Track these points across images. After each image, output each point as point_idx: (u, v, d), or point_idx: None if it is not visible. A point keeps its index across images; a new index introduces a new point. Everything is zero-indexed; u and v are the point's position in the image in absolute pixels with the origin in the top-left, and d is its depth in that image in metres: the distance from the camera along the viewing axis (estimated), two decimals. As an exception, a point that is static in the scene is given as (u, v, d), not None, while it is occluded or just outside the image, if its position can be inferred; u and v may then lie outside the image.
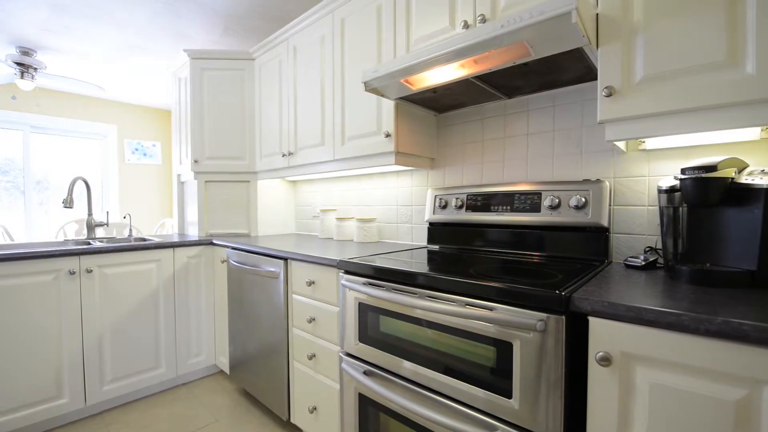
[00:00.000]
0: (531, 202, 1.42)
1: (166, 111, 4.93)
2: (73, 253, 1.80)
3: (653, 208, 1.26)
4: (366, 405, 1.26)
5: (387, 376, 1.18)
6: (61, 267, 1.77)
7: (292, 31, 2.12)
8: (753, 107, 0.85)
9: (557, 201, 1.34)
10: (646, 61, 0.98)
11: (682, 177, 0.99)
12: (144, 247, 2.04)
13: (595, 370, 0.80)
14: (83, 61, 3.24)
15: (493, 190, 1.53)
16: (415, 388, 1.10)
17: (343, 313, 1.34)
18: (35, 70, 3.06)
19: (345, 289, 1.32)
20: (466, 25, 1.32)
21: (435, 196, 1.73)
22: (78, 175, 2.24)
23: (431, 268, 1.15)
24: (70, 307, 1.80)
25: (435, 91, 1.46)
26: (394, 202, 2.06)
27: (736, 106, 0.87)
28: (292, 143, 2.15)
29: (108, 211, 2.71)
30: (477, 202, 1.57)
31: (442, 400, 1.03)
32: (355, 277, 1.28)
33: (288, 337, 1.69)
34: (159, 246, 2.10)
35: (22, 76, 3.00)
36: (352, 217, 2.19)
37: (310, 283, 1.54)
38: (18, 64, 2.94)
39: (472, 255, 1.45)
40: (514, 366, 0.88)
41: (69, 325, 1.79)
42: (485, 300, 0.93)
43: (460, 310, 0.94)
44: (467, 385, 0.98)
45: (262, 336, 1.85)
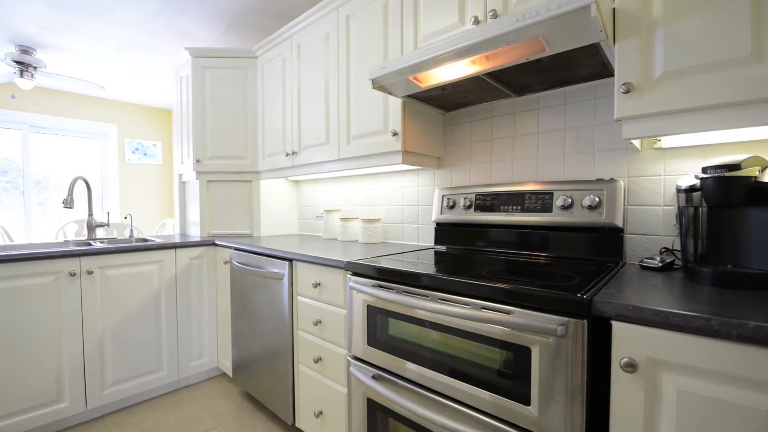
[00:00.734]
0: (542, 202, 1.39)
1: (166, 110, 4.89)
2: (73, 254, 1.77)
3: (669, 208, 1.23)
4: (375, 410, 1.23)
5: (397, 380, 1.15)
6: (62, 268, 1.74)
7: (296, 29, 2.09)
8: (780, 103, 0.82)
9: (570, 201, 1.31)
10: (665, 56, 0.95)
11: (704, 176, 0.96)
12: (146, 247, 2.01)
13: (619, 377, 0.77)
14: (83, 60, 3.21)
15: (503, 189, 1.50)
16: (426, 393, 1.07)
17: (351, 315, 1.31)
18: (35, 68, 3.03)
19: (353, 291, 1.29)
20: (477, 21, 1.29)
21: (442, 196, 1.70)
22: (78, 175, 2.20)
23: (442, 270, 1.12)
24: (71, 309, 1.77)
25: (444, 88, 1.43)
26: (399, 202, 2.03)
27: (761, 103, 0.84)
28: (296, 142, 2.12)
29: (109, 212, 2.67)
30: (486, 202, 1.54)
31: (455, 405, 1.00)
32: (364, 279, 1.25)
33: (293, 340, 1.66)
34: (161, 247, 2.07)
35: (22, 75, 2.97)
36: (357, 218, 2.16)
37: (316, 284, 1.51)
38: (17, 62, 2.91)
39: (481, 256, 1.42)
40: (533, 372, 0.85)
41: (69, 328, 1.76)
42: (502, 303, 0.90)
43: (475, 314, 0.91)
44: (481, 390, 0.95)
45: (265, 338, 1.82)
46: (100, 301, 1.86)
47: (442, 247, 1.70)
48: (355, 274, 1.31)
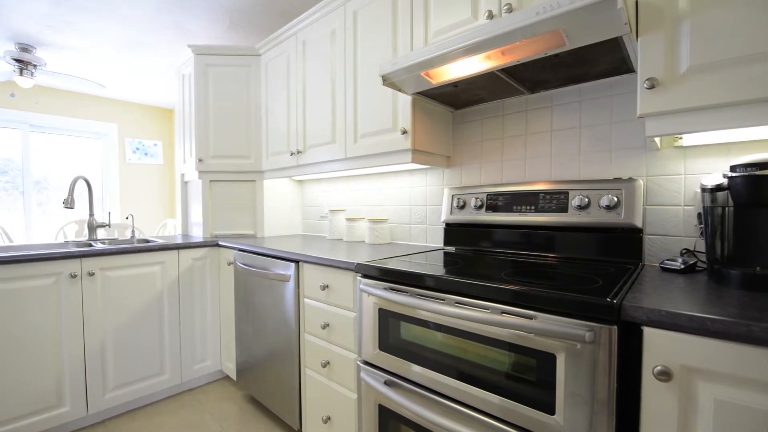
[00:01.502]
0: (557, 201, 1.35)
1: (167, 110, 4.85)
2: (74, 256, 1.73)
3: (689, 208, 1.19)
4: (387, 417, 1.19)
5: (410, 386, 1.11)
6: (62, 270, 1.70)
7: (300, 26, 2.05)
8: (818, 98, 0.78)
9: (586, 201, 1.27)
10: (692, 50, 0.91)
11: (732, 175, 0.92)
12: (148, 248, 1.97)
13: (652, 386, 0.73)
14: (84, 58, 3.17)
15: (516, 189, 1.46)
16: (441, 400, 1.03)
17: (361, 319, 1.27)
18: (35, 67, 2.98)
19: (363, 293, 1.25)
20: (491, 16, 1.25)
21: (452, 196, 1.66)
22: (79, 175, 2.16)
23: (457, 272, 1.08)
24: (72, 311, 1.73)
25: (456, 85, 1.39)
26: (407, 202, 1.99)
27: (796, 98, 0.80)
28: (301, 141, 2.08)
29: (110, 212, 2.63)
30: (498, 202, 1.51)
31: (473, 413, 0.97)
32: (375, 281, 1.21)
33: (299, 343, 1.62)
34: (163, 248, 2.03)
35: (21, 74, 2.93)
36: (363, 218, 2.12)
37: (323, 287, 1.47)
38: (17, 60, 2.87)
39: (494, 257, 1.38)
40: (557, 379, 0.81)
41: (70, 331, 1.72)
42: (524, 307, 0.86)
43: (495, 318, 0.87)
44: (501, 398, 0.91)
45: (271, 341, 1.78)
46: (101, 304, 1.82)
47: (452, 248, 1.66)
48: (365, 276, 1.27)
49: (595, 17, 0.92)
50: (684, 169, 1.20)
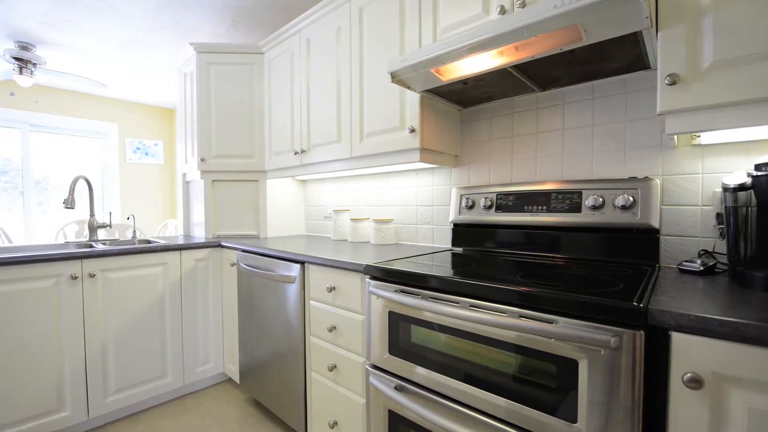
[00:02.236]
0: (570, 201, 1.32)
1: (168, 109, 4.82)
2: (75, 257, 1.70)
3: (707, 208, 1.16)
4: (397, 422, 1.15)
5: (422, 392, 1.08)
6: (63, 271, 1.67)
7: (304, 23, 2.02)
8: None
9: (601, 200, 1.24)
10: (715, 45, 0.88)
11: (757, 174, 0.89)
12: (150, 249, 1.93)
13: (681, 393, 0.70)
14: (84, 57, 3.13)
15: (527, 188, 1.43)
16: (455, 406, 1.00)
17: (370, 322, 1.24)
18: (34, 65, 2.95)
19: (372, 296, 1.22)
20: (503, 11, 1.22)
21: (460, 196, 1.63)
22: (80, 174, 2.13)
23: (470, 274, 1.05)
24: (72, 313, 1.69)
25: (466, 82, 1.36)
26: (413, 202, 1.96)
27: (828, 94, 0.77)
28: (305, 140, 2.05)
29: (111, 212, 2.59)
30: (508, 202, 1.47)
31: (488, 420, 0.93)
32: (385, 284, 1.18)
33: (305, 347, 1.59)
34: (165, 248, 1.99)
35: (21, 72, 2.89)
36: (368, 218, 2.09)
37: (330, 288, 1.44)
38: (16, 59, 2.83)
39: (506, 259, 1.35)
40: (580, 386, 0.78)
41: (71, 333, 1.69)
42: (544, 312, 0.83)
43: (513, 323, 0.84)
44: (518, 405, 0.88)
45: (275, 344, 1.75)
46: (102, 305, 1.79)
47: (460, 249, 1.63)
48: (374, 277, 1.24)
49: (615, 11, 0.89)
50: (702, 168, 1.17)
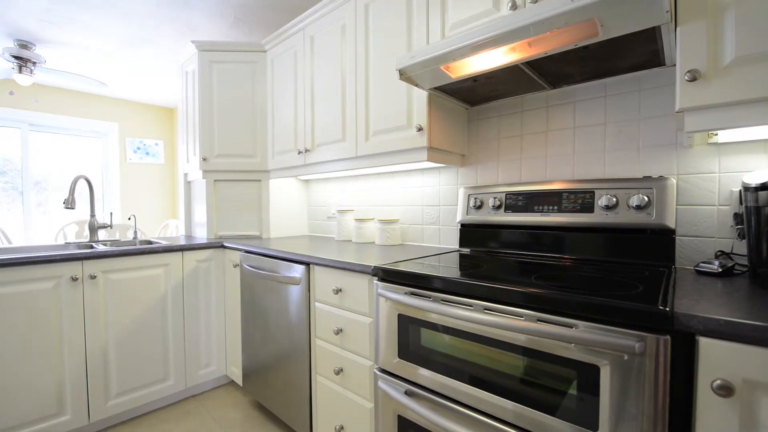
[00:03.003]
0: (582, 201, 1.29)
1: (168, 109, 4.79)
2: (75, 258, 1.67)
3: (724, 208, 1.13)
4: (407, 428, 1.13)
5: (433, 397, 1.05)
6: (63, 273, 1.64)
7: (308, 20, 1.99)
8: None
9: (614, 200, 1.21)
10: (737, 40, 0.85)
11: (782, 172, 0.86)
12: (151, 250, 1.90)
13: (709, 401, 0.67)
14: (84, 56, 3.10)
15: (537, 188, 1.40)
16: (467, 412, 0.97)
17: (378, 325, 1.21)
18: (34, 64, 2.92)
19: (381, 298, 1.19)
20: (515, 6, 1.20)
21: (468, 196, 1.60)
22: (80, 174, 2.10)
23: (483, 276, 1.02)
24: (73, 316, 1.66)
25: (476, 79, 1.33)
26: (419, 202, 1.93)
27: None
28: (309, 139, 2.02)
29: (112, 212, 2.56)
30: (518, 202, 1.45)
31: (501, 426, 0.91)
32: (395, 286, 1.15)
33: (310, 349, 1.56)
34: (167, 249, 1.96)
35: (20, 71, 2.86)
36: (373, 218, 2.06)
37: (336, 290, 1.41)
38: (16, 57, 2.80)
39: (517, 260, 1.32)
40: (602, 393, 0.75)
41: (71, 336, 1.66)
42: (564, 315, 0.80)
43: (531, 327, 0.81)
44: (535, 411, 0.85)
45: (279, 347, 1.72)
46: (103, 308, 1.76)
47: (468, 250, 1.60)
48: (383, 279, 1.21)
49: (634, 5, 0.86)
50: (718, 167, 1.14)
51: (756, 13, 0.83)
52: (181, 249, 2.02)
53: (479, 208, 1.56)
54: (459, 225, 1.65)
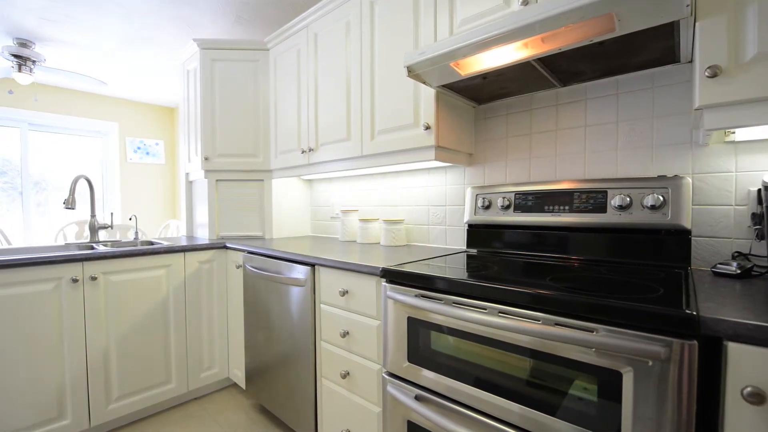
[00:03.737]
0: (595, 201, 1.26)
1: (169, 108, 4.76)
2: (75, 259, 1.64)
3: (741, 208, 1.11)
4: (417, 434, 1.10)
5: (445, 402, 1.02)
6: (63, 274, 1.61)
7: (312, 18, 1.97)
8: None
9: (628, 200, 1.19)
10: (760, 35, 0.83)
11: (806, 171, 0.84)
12: (153, 251, 1.87)
13: (739, 409, 0.64)
14: (84, 55, 3.07)
15: (547, 188, 1.38)
16: (481, 418, 0.94)
17: (387, 328, 1.18)
18: (33, 63, 2.89)
19: (389, 300, 1.16)
20: (526, 2, 1.17)
21: (476, 196, 1.57)
22: (80, 174, 2.07)
23: (495, 278, 0.99)
24: (73, 318, 1.63)
25: (485, 77, 1.30)
26: (424, 202, 1.90)
27: None
28: (313, 139, 1.99)
29: (112, 213, 2.53)
30: (527, 202, 1.42)
31: (518, 434, 0.88)
32: (404, 288, 1.12)
33: (315, 352, 1.53)
34: (169, 250, 1.93)
35: (20, 70, 2.83)
36: (378, 219, 2.03)
37: (343, 292, 1.38)
38: (15, 56, 2.77)
39: (527, 261, 1.30)
40: (624, 401, 0.73)
41: (71, 338, 1.63)
42: (583, 319, 0.77)
43: (549, 331, 0.78)
44: (552, 418, 0.83)
45: (283, 349, 1.69)
46: (104, 310, 1.73)
47: (475, 251, 1.58)
48: (391, 281, 1.18)
49: (655, -2, 0.84)
50: (735, 166, 1.11)
51: (780, 6, 0.80)
52: (183, 250, 1.99)
53: (487, 208, 1.53)
54: (466, 225, 1.63)
